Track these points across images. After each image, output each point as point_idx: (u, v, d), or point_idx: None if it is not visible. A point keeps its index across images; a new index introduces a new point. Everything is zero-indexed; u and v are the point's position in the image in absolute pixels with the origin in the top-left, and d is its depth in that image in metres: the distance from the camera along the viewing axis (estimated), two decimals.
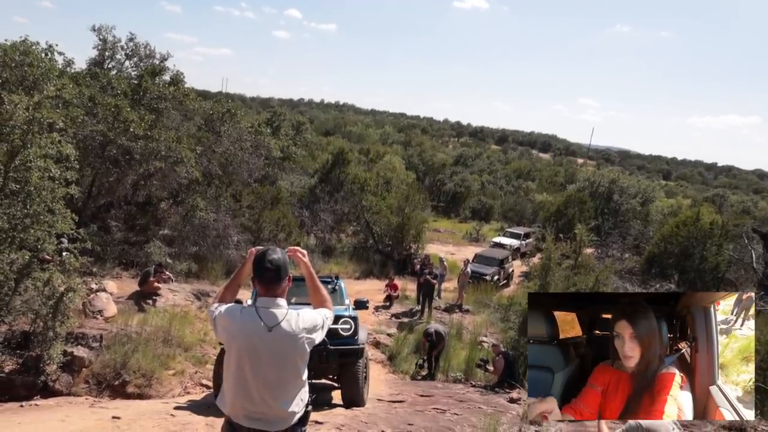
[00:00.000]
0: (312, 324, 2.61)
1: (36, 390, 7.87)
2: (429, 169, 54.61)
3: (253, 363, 2.47)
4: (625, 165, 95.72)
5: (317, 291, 2.85)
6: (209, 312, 2.70)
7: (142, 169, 14.14)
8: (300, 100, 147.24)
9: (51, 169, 7.73)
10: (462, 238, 34.91)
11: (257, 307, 2.54)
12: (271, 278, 2.55)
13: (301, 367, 2.58)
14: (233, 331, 2.50)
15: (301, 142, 28.69)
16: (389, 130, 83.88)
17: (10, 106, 7.44)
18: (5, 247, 7.37)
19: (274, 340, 2.47)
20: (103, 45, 16.72)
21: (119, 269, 14.03)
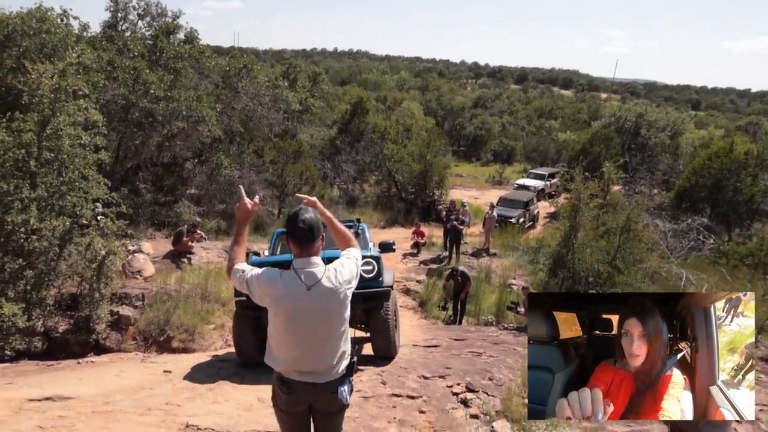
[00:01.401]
0: (350, 275, 2.68)
1: (89, 347, 8.32)
2: (448, 113, 53.71)
3: (300, 323, 2.53)
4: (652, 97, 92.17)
5: (339, 233, 2.88)
6: (235, 274, 2.67)
7: (165, 130, 14.24)
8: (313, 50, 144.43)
9: (81, 136, 7.85)
10: (485, 182, 34.68)
11: (295, 268, 2.56)
12: (305, 237, 2.56)
13: (345, 318, 2.67)
14: (277, 296, 2.54)
15: (319, 93, 28.33)
16: (405, 75, 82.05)
17: (35, 75, 7.49)
18: (46, 214, 7.60)
19: (317, 298, 2.53)
20: (115, 6, 16.48)
21: (152, 230, 14.42)
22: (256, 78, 17.65)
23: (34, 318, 7.54)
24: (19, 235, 7.28)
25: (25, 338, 7.40)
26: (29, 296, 7.54)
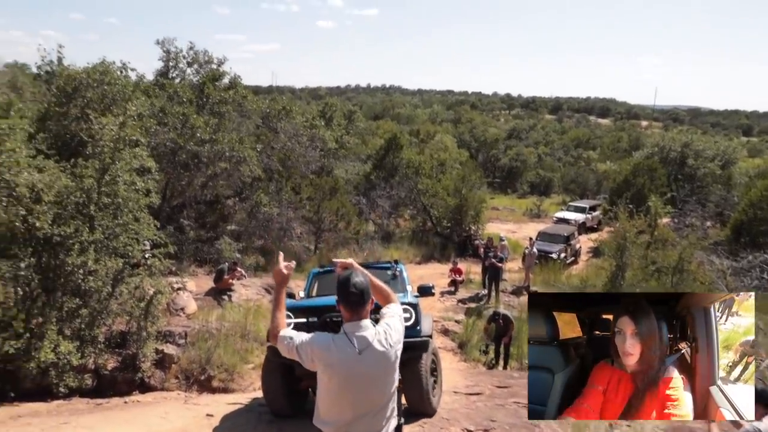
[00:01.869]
0: (399, 335, 2.72)
1: (135, 385, 8.62)
2: (482, 145, 53.72)
3: (353, 387, 2.57)
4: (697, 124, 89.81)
5: (378, 289, 2.91)
6: (282, 341, 2.71)
7: (209, 170, 14.90)
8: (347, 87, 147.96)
9: (135, 181, 8.37)
10: (522, 215, 34.20)
11: (347, 332, 2.61)
12: (356, 302, 2.61)
13: (395, 379, 2.71)
14: (330, 362, 2.57)
15: (354, 130, 29.02)
16: (438, 108, 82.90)
17: (98, 126, 8.09)
18: (101, 255, 8.06)
19: (369, 362, 2.56)
20: (166, 56, 17.61)
21: (194, 266, 14.92)
22: (294, 118, 18.34)
23: (87, 356, 7.91)
24: (78, 275, 7.73)
25: (77, 375, 7.76)
26: (83, 334, 7.93)
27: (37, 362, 7.10)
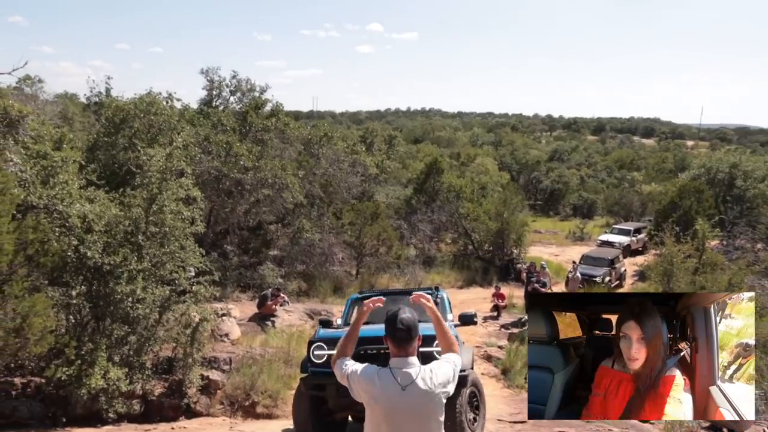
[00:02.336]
0: (446, 378, 2.67)
1: (181, 411, 8.67)
2: (523, 168, 53.18)
3: (394, 422, 2.56)
4: (745, 143, 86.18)
5: (444, 335, 2.89)
6: (338, 368, 2.78)
7: (253, 197, 15.15)
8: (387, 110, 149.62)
9: (182, 211, 8.54)
10: (565, 238, 33.44)
11: (392, 368, 2.63)
12: (403, 338, 2.63)
13: (440, 422, 2.66)
14: (374, 394, 2.61)
15: (394, 154, 29.15)
16: (478, 131, 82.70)
17: (146, 158, 8.33)
18: (149, 283, 8.21)
19: (411, 398, 2.56)
20: (210, 85, 18.19)
21: (238, 292, 15.10)
22: (336, 144, 18.54)
23: (135, 382, 8.01)
24: (126, 303, 7.88)
25: (126, 401, 7.85)
26: (131, 361, 8.05)
27: (88, 388, 7.23)
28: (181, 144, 9.15)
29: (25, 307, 6.62)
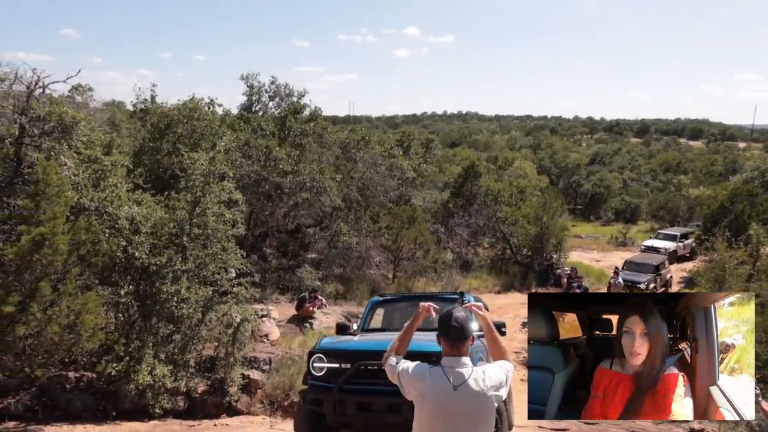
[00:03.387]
0: (498, 381, 2.63)
1: (223, 409, 8.88)
2: (562, 171, 52.18)
3: (443, 421, 2.55)
4: None
5: (495, 343, 2.84)
6: (390, 365, 2.79)
7: (291, 200, 15.38)
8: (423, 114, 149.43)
9: (224, 213, 8.75)
10: (607, 243, 32.62)
11: (444, 366, 2.62)
12: (457, 337, 2.62)
13: (490, 426, 2.63)
14: (424, 392, 2.60)
15: (432, 158, 29.07)
16: (516, 134, 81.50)
17: (190, 161, 8.59)
18: (193, 284, 8.44)
19: (462, 399, 2.53)
20: (250, 91, 18.60)
21: (277, 294, 15.34)
22: (373, 148, 18.63)
23: (179, 379, 8.24)
24: (171, 303, 8.13)
25: (171, 398, 8.09)
26: (176, 359, 8.29)
27: (136, 384, 7.49)
28: (223, 148, 9.38)
29: (78, 305, 6.90)
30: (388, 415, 4.81)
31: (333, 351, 5.27)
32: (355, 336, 6.13)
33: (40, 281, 6.57)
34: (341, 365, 5.06)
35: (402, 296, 8.07)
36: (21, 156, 7.57)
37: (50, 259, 6.59)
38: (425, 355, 4.35)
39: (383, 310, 7.25)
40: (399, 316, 6.84)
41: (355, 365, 4.92)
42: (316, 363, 5.24)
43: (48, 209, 6.65)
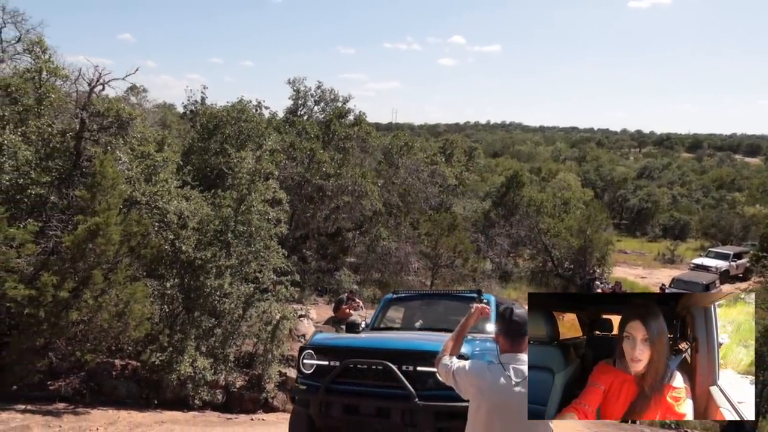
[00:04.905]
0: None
1: (259, 405, 8.98)
2: (608, 185, 50.81)
3: (502, 417, 2.52)
4: None
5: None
6: (443, 365, 2.78)
7: (333, 203, 15.51)
8: (466, 124, 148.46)
9: (268, 211, 8.90)
10: (653, 260, 31.61)
11: (503, 363, 2.59)
12: (517, 332, 2.60)
13: (549, 425, 2.57)
14: (483, 388, 2.58)
15: (474, 167, 28.85)
16: (561, 146, 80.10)
17: (237, 160, 8.79)
18: (235, 280, 8.60)
19: (522, 395, 2.48)
20: (296, 95, 18.93)
21: (315, 296, 15.47)
22: (416, 154, 18.62)
23: (219, 372, 8.39)
24: (214, 297, 8.31)
25: (210, 390, 8.25)
26: (217, 352, 8.45)
27: (178, 374, 7.67)
28: (269, 148, 9.56)
29: (127, 294, 7.15)
30: (376, 420, 4.46)
31: (322, 347, 4.90)
32: (361, 334, 5.78)
33: (93, 269, 6.84)
34: (330, 363, 4.69)
35: (418, 294, 7.72)
36: (80, 150, 7.92)
37: (103, 248, 6.85)
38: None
39: (398, 308, 6.89)
40: (414, 315, 6.54)
41: (343, 363, 4.57)
42: (306, 360, 4.90)
43: (103, 201, 6.92)
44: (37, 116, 7.96)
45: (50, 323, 6.62)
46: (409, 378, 4.32)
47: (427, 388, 4.33)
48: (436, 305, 6.75)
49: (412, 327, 6.17)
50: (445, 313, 6.30)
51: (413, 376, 4.34)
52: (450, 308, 6.34)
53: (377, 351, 4.57)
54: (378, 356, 4.47)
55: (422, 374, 4.34)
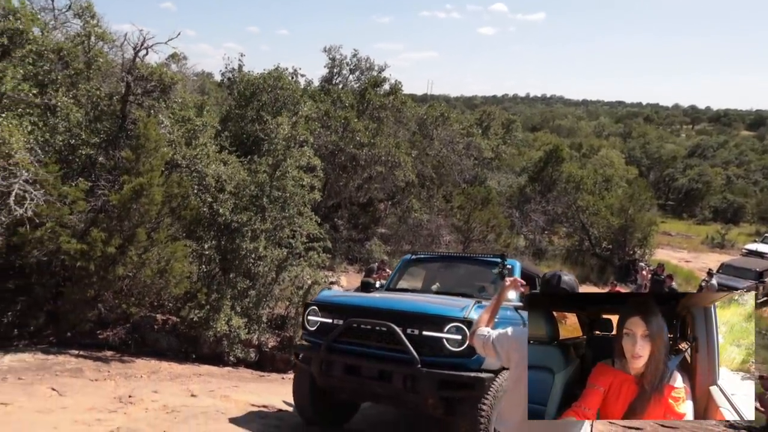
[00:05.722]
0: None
1: (290, 366, 9.32)
2: (655, 163, 49.07)
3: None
4: None
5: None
6: (480, 336, 2.73)
7: (366, 173, 15.64)
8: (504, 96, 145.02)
9: (303, 177, 9.11)
10: (700, 243, 30.54)
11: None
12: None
13: None
14: (524, 354, 2.48)
15: (511, 140, 28.36)
16: (605, 121, 77.57)
17: (274, 125, 8.98)
18: (269, 244, 8.90)
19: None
20: (332, 63, 18.98)
21: (346, 264, 15.79)
22: (451, 126, 18.46)
23: (252, 332, 8.77)
24: (249, 260, 8.64)
25: (244, 348, 8.66)
26: (251, 313, 8.82)
27: (214, 332, 8.08)
28: (306, 113, 9.71)
29: (168, 253, 7.53)
30: (377, 383, 4.31)
31: (327, 304, 4.76)
32: (373, 293, 5.62)
33: (137, 228, 7.23)
34: (334, 321, 4.56)
35: (437, 256, 7.37)
36: (126, 112, 8.26)
37: (146, 208, 7.21)
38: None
39: (416, 270, 6.61)
40: (431, 277, 6.28)
41: (347, 322, 4.43)
42: (311, 316, 4.78)
43: (147, 162, 7.25)
44: (87, 80, 8.33)
45: (99, 276, 7.07)
46: (413, 342, 4.17)
47: (433, 354, 4.17)
48: (455, 269, 6.43)
49: (428, 290, 5.94)
50: (465, 277, 6.02)
51: (418, 340, 4.19)
52: (470, 273, 6.08)
53: (382, 311, 4.41)
54: (383, 317, 4.33)
55: (428, 339, 4.19)
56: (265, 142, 9.51)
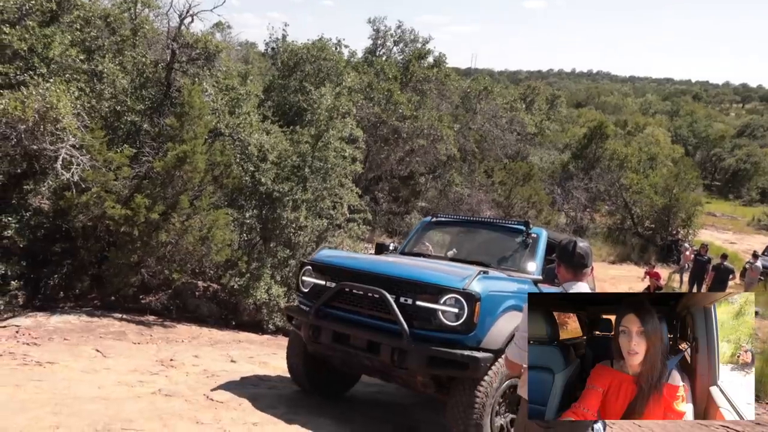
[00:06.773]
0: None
1: None
2: (701, 142, 47.16)
3: None
4: None
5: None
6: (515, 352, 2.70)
7: (407, 146, 15.40)
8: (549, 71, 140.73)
9: (345, 149, 8.97)
10: (746, 225, 29.44)
11: (564, 286, 2.67)
12: (578, 263, 2.65)
13: None
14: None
15: (555, 116, 27.53)
16: (651, 98, 74.47)
17: (317, 95, 8.82)
18: (310, 214, 8.84)
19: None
20: (376, 35, 18.59)
21: (385, 236, 15.70)
22: (495, 100, 17.95)
23: (291, 301, 8.79)
24: (290, 229, 8.61)
25: (283, 317, 8.68)
26: (290, 282, 8.83)
27: (254, 299, 8.12)
28: (348, 85, 9.51)
29: (210, 221, 7.54)
30: (365, 355, 3.93)
31: (322, 265, 4.37)
32: (381, 256, 5.23)
33: (180, 195, 7.25)
34: (327, 284, 4.20)
35: (459, 220, 6.67)
36: (170, 80, 8.24)
37: (190, 175, 7.21)
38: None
39: (435, 234, 5.96)
40: (449, 242, 5.74)
41: (338, 285, 4.07)
42: (305, 277, 4.42)
43: (190, 130, 7.22)
44: (133, 46, 8.32)
45: (142, 242, 7.15)
46: (405, 312, 3.76)
47: (426, 328, 3.74)
48: (476, 234, 5.78)
49: (443, 256, 5.31)
50: (486, 244, 5.46)
51: (411, 310, 3.78)
52: (492, 240, 5.45)
53: (376, 276, 3.99)
54: (377, 282, 3.92)
55: (421, 310, 3.77)
56: (308, 112, 9.37)
